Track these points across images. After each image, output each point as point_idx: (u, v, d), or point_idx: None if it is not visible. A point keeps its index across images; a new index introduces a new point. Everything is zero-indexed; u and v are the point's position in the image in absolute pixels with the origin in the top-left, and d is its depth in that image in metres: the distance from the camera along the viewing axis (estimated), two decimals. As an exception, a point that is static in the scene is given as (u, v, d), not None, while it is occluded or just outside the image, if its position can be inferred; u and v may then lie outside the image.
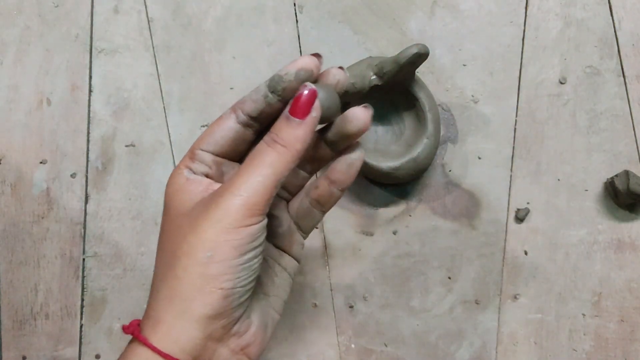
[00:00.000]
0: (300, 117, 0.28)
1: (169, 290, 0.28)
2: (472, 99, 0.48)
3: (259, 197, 0.28)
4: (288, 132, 0.28)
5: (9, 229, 0.49)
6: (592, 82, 0.48)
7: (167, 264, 0.29)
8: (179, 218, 0.30)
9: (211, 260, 0.27)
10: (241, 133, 0.31)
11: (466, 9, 0.48)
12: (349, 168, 0.32)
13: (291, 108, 0.28)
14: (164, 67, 0.49)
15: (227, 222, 0.27)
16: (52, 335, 0.48)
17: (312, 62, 0.29)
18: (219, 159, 0.31)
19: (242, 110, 0.30)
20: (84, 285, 0.49)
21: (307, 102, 0.28)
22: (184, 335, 0.28)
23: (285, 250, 0.34)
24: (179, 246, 0.29)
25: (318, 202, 0.33)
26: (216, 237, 0.27)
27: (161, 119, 0.49)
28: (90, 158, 0.49)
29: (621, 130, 0.47)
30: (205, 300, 0.28)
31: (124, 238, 0.49)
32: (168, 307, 0.28)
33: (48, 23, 0.50)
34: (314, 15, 0.49)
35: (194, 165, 0.31)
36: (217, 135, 0.31)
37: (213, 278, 0.27)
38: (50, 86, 0.49)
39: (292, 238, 0.34)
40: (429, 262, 0.48)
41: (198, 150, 0.31)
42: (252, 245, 0.28)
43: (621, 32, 0.48)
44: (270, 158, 0.28)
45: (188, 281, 0.28)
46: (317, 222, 0.34)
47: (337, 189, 0.33)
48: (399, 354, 0.48)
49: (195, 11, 0.49)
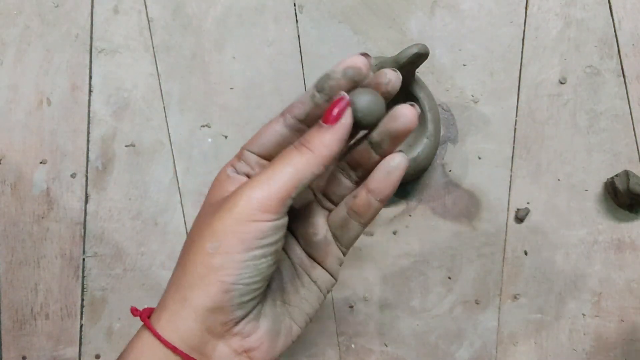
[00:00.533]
0: (331, 123, 0.28)
1: (176, 277, 0.29)
2: (472, 99, 0.48)
3: (274, 194, 0.27)
4: (316, 136, 0.28)
5: (9, 229, 0.49)
6: (592, 82, 0.48)
7: (183, 251, 0.30)
8: (205, 208, 0.30)
9: (216, 251, 0.27)
10: (287, 137, 0.30)
11: (466, 9, 0.48)
12: (388, 176, 0.31)
13: (324, 115, 0.28)
14: (164, 67, 0.49)
15: (237, 213, 0.27)
16: (52, 335, 0.48)
17: (361, 61, 0.29)
18: (262, 161, 0.31)
19: (290, 114, 0.30)
20: (84, 285, 0.49)
21: (339, 109, 0.28)
22: (183, 325, 0.28)
23: (319, 261, 0.33)
24: (194, 234, 0.29)
25: (356, 212, 0.32)
26: (224, 228, 0.27)
27: (161, 119, 0.49)
28: (90, 158, 0.49)
29: (621, 130, 0.47)
30: (205, 291, 0.27)
31: (124, 238, 0.49)
32: (173, 294, 0.29)
33: (48, 23, 0.50)
34: (314, 15, 0.49)
35: (238, 165, 0.31)
36: (264, 138, 0.31)
37: (215, 269, 0.27)
38: (50, 86, 0.49)
39: (327, 249, 0.33)
40: (429, 262, 0.48)
41: (245, 150, 0.31)
42: (260, 242, 0.28)
43: (621, 32, 0.48)
44: (293, 159, 0.28)
45: (192, 270, 0.28)
46: (356, 235, 0.33)
47: (376, 199, 0.31)
48: (399, 354, 0.48)
49: (195, 11, 0.49)
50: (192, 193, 0.49)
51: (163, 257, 0.49)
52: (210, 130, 0.49)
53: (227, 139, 0.49)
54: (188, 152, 0.49)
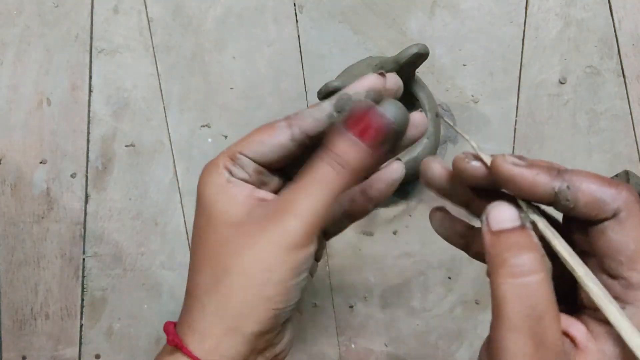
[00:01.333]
0: (368, 141, 0.27)
1: (219, 305, 0.28)
2: (472, 99, 0.48)
3: (318, 219, 0.27)
4: (350, 153, 0.27)
5: (9, 229, 0.49)
6: (592, 82, 0.48)
7: (217, 277, 0.28)
8: (226, 228, 0.28)
9: (269, 281, 0.27)
10: (292, 150, 0.29)
11: (466, 9, 0.48)
12: (388, 188, 0.31)
13: (361, 130, 0.27)
14: (164, 67, 0.49)
15: (286, 244, 0.27)
16: (52, 335, 0.48)
17: (380, 82, 0.29)
18: (260, 168, 0.30)
19: (299, 127, 0.29)
20: (84, 285, 0.49)
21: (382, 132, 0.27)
22: (231, 351, 0.28)
23: None
24: (232, 262, 0.28)
25: (350, 214, 0.32)
26: (275, 259, 0.27)
27: (161, 119, 0.49)
28: (90, 158, 0.49)
29: (621, 130, 0.47)
30: (258, 319, 0.27)
31: (124, 238, 0.49)
32: (217, 322, 0.28)
33: (48, 23, 0.50)
34: (314, 15, 0.49)
35: (234, 169, 0.29)
36: (266, 147, 0.29)
37: (268, 298, 0.27)
38: (50, 86, 0.49)
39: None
40: (429, 262, 0.48)
41: (241, 155, 0.29)
42: (306, 265, 0.28)
43: (621, 32, 0.48)
44: (328, 178, 0.27)
45: (242, 299, 0.27)
46: (342, 229, 0.33)
47: (372, 205, 0.32)
48: (399, 354, 0.48)
49: (195, 11, 0.49)
50: (192, 193, 0.49)
51: (163, 257, 0.49)
52: (210, 130, 0.49)
53: (227, 139, 0.49)
54: (188, 152, 0.49)
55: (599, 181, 0.24)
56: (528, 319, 0.23)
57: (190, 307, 0.29)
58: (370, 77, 0.29)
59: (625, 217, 0.23)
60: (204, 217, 0.29)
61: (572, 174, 0.25)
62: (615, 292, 0.24)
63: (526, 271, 0.23)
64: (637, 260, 0.23)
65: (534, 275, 0.23)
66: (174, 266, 0.49)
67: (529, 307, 0.23)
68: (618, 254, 0.24)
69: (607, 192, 0.24)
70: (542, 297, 0.23)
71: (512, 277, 0.23)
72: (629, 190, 0.24)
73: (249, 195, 0.29)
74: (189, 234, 0.49)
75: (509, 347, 0.23)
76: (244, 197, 0.29)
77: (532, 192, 0.25)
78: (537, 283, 0.23)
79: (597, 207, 0.24)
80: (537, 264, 0.23)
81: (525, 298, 0.23)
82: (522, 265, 0.23)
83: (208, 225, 0.29)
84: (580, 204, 0.24)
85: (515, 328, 0.23)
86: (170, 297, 0.49)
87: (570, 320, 0.25)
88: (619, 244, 0.24)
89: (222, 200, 0.29)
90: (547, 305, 0.23)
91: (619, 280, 0.24)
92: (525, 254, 0.24)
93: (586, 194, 0.24)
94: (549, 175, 0.25)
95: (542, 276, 0.23)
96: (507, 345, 0.23)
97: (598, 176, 0.24)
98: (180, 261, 0.49)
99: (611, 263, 0.24)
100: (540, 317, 0.23)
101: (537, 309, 0.23)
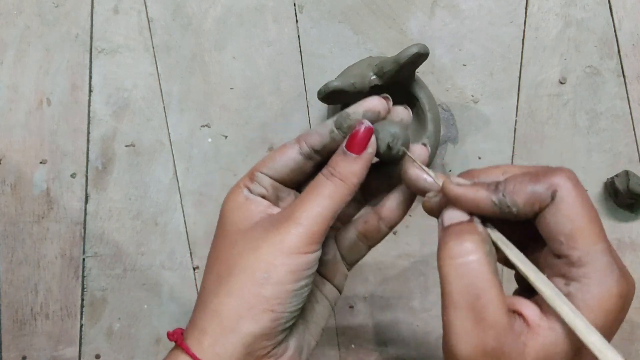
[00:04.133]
0: (357, 153, 0.30)
1: (219, 304, 0.29)
2: (472, 99, 0.48)
3: (318, 227, 0.29)
4: (345, 166, 0.30)
5: (9, 229, 0.49)
6: (592, 82, 0.48)
7: (220, 278, 0.30)
8: (236, 234, 0.31)
9: (267, 282, 0.28)
10: (301, 164, 0.32)
11: (466, 8, 0.48)
12: (400, 207, 0.33)
13: (347, 143, 0.30)
14: (164, 67, 0.49)
15: (286, 247, 0.29)
16: (52, 335, 0.48)
17: (381, 104, 0.31)
18: (276, 183, 0.32)
19: (306, 143, 0.31)
20: (84, 285, 0.49)
21: (364, 139, 0.30)
22: (227, 351, 0.29)
23: (328, 278, 0.35)
24: (235, 263, 0.30)
25: (365, 236, 0.34)
26: (274, 260, 0.28)
27: (161, 119, 0.49)
28: (90, 158, 0.49)
29: (621, 130, 0.47)
30: (255, 319, 0.28)
31: (124, 238, 0.49)
32: (216, 320, 0.29)
33: (48, 23, 0.50)
34: (314, 15, 0.49)
35: (252, 186, 0.32)
36: (278, 162, 0.32)
37: (266, 299, 0.28)
38: (50, 86, 0.49)
39: (335, 267, 0.35)
40: (429, 262, 0.48)
41: (258, 172, 0.32)
42: (307, 272, 0.29)
43: (621, 32, 0.48)
44: (328, 190, 0.30)
45: (241, 298, 0.29)
46: (361, 256, 0.35)
47: (386, 226, 0.33)
48: (399, 354, 0.48)
49: (195, 11, 0.49)
50: (192, 193, 0.49)
51: (163, 257, 0.49)
52: (210, 130, 0.49)
53: (227, 139, 0.49)
54: (188, 152, 0.49)
55: (529, 178, 0.26)
56: (467, 296, 0.25)
57: (196, 307, 0.31)
58: (372, 99, 0.31)
59: (560, 199, 0.25)
60: (220, 228, 0.32)
61: (506, 182, 0.27)
62: (561, 271, 0.25)
63: (464, 252, 0.25)
64: (575, 238, 0.25)
65: (472, 256, 0.25)
66: (174, 266, 0.49)
67: (467, 284, 0.25)
68: (558, 235, 0.25)
69: (538, 184, 0.26)
70: (479, 276, 0.25)
71: (451, 258, 0.25)
72: (561, 173, 0.26)
73: (263, 210, 0.31)
74: (189, 234, 0.49)
75: (452, 322, 0.25)
76: (258, 212, 0.31)
77: (477, 207, 0.27)
78: (475, 262, 0.25)
79: (534, 201, 0.26)
80: (475, 246, 0.25)
81: (464, 276, 0.25)
82: (460, 247, 0.25)
83: (221, 234, 0.32)
84: (520, 206, 0.26)
85: (456, 305, 0.25)
86: (170, 297, 0.49)
87: (522, 301, 0.26)
88: (557, 225, 0.25)
89: (237, 213, 0.31)
90: (485, 284, 0.25)
91: (562, 259, 0.25)
92: (465, 237, 0.26)
93: (521, 194, 0.26)
94: (487, 190, 0.27)
95: (479, 256, 0.25)
96: (451, 321, 0.25)
97: (528, 173, 0.27)
98: (180, 261, 0.49)
99: (553, 244, 0.25)
100: (478, 295, 0.24)
101: (475, 287, 0.25)
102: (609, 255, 0.25)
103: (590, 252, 0.25)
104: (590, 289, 0.24)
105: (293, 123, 0.48)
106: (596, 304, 0.24)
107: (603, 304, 0.24)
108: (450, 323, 0.25)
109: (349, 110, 0.31)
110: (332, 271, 0.34)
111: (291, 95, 0.49)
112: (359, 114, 0.31)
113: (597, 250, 0.25)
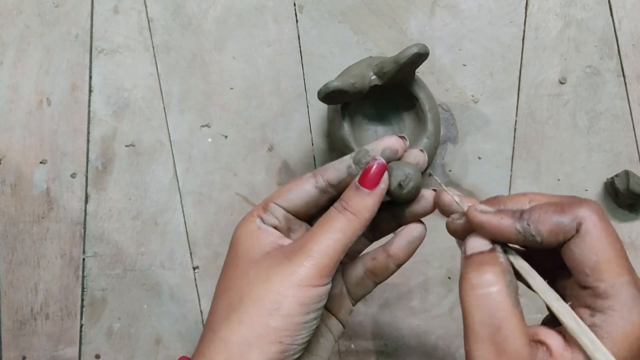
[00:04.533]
0: (369, 188, 0.30)
1: (228, 332, 0.29)
2: (472, 99, 0.48)
3: (329, 260, 0.29)
4: (357, 201, 0.30)
5: (9, 229, 0.49)
6: (592, 82, 0.48)
7: (231, 306, 0.30)
8: (246, 263, 0.31)
9: (277, 312, 0.28)
10: (316, 197, 0.32)
11: (466, 8, 0.48)
12: (408, 245, 0.33)
13: (361, 178, 0.30)
14: (164, 67, 0.49)
15: (297, 279, 0.29)
16: (52, 335, 0.48)
17: (399, 143, 0.32)
18: (289, 215, 0.33)
19: (322, 177, 0.32)
20: (84, 285, 0.49)
21: (377, 174, 0.30)
22: None
23: (333, 312, 0.35)
24: (246, 293, 0.30)
25: (372, 273, 0.34)
26: (285, 292, 0.29)
27: (161, 119, 0.49)
28: (90, 158, 0.49)
29: (621, 130, 0.47)
30: (263, 351, 0.28)
31: (124, 238, 0.49)
32: (224, 349, 0.29)
33: (48, 23, 0.50)
34: (314, 15, 0.49)
35: (265, 216, 0.32)
36: (293, 194, 0.32)
37: (275, 330, 0.28)
38: (50, 86, 0.49)
39: (341, 302, 0.35)
40: (429, 262, 0.48)
41: (272, 203, 0.32)
42: (316, 305, 0.29)
43: (621, 32, 0.48)
44: (340, 224, 0.30)
45: (250, 328, 0.29)
46: (367, 292, 0.35)
47: (394, 264, 0.34)
48: (399, 354, 0.48)
49: (195, 11, 0.49)
50: (192, 193, 0.49)
51: (163, 257, 0.49)
52: (210, 130, 0.49)
53: (227, 139, 0.49)
54: (188, 152, 0.49)
55: (555, 208, 0.26)
56: (488, 327, 0.25)
57: (204, 335, 0.31)
58: (390, 137, 0.32)
59: (585, 231, 0.25)
60: (230, 255, 0.32)
61: (531, 210, 0.27)
62: (586, 302, 0.25)
63: (485, 283, 0.25)
64: (601, 271, 0.25)
65: (492, 287, 0.25)
66: (174, 266, 0.49)
67: (488, 316, 0.25)
68: (583, 267, 0.25)
69: (564, 215, 0.26)
70: (500, 307, 0.25)
71: (472, 289, 0.26)
72: (587, 205, 0.26)
73: (274, 241, 0.31)
74: (189, 234, 0.49)
75: (474, 353, 0.25)
76: (269, 242, 0.31)
77: (501, 234, 0.27)
78: (495, 293, 0.25)
79: (558, 231, 0.26)
80: (495, 278, 0.25)
81: (484, 308, 0.25)
82: (481, 278, 0.25)
83: (232, 262, 0.32)
84: (544, 235, 0.26)
85: (477, 336, 0.25)
86: (170, 297, 0.49)
87: (546, 331, 0.26)
88: (582, 258, 0.25)
89: (249, 241, 0.32)
90: (506, 315, 0.25)
91: (588, 290, 0.25)
92: (486, 269, 0.26)
93: (546, 224, 0.26)
94: (512, 218, 0.27)
95: (500, 287, 0.25)
96: (472, 352, 0.25)
97: (553, 203, 0.27)
98: (180, 261, 0.49)
99: (579, 276, 0.26)
100: (499, 326, 0.24)
101: (496, 318, 0.25)
102: (634, 288, 0.25)
103: (615, 284, 0.25)
104: (615, 320, 0.24)
105: (293, 123, 0.48)
106: (620, 336, 0.24)
107: (627, 337, 0.24)
108: (472, 354, 0.25)
109: (368, 147, 0.32)
110: (338, 305, 0.35)
111: (291, 95, 0.49)
112: (378, 150, 0.31)
113: (623, 282, 0.25)
